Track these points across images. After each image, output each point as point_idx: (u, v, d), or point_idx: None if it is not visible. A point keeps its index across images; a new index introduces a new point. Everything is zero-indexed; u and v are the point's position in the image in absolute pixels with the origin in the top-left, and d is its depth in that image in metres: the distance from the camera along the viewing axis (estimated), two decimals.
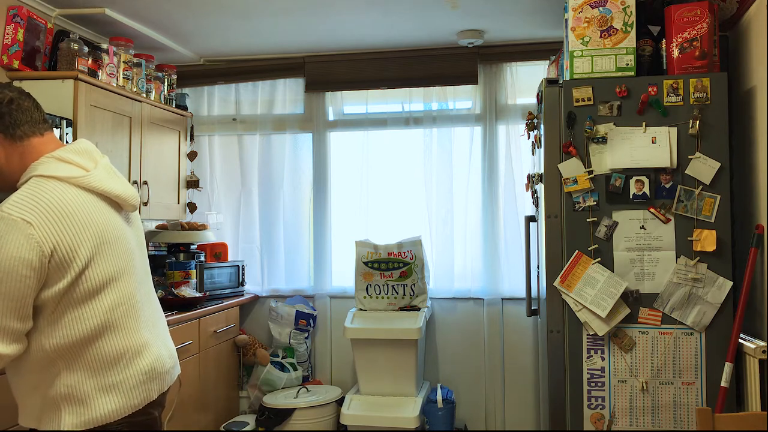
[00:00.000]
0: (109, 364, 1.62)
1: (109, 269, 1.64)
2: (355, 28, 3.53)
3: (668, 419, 2.47)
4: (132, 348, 1.67)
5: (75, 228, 1.57)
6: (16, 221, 1.50)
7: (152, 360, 1.72)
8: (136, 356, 1.68)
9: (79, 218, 1.59)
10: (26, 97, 1.70)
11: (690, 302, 2.46)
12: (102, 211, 1.66)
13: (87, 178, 1.64)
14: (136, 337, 1.70)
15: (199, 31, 3.57)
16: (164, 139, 3.71)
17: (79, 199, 1.61)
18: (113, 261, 1.65)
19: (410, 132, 4.05)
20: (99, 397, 1.60)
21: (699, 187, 2.47)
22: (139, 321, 1.72)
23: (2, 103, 1.64)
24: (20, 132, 1.65)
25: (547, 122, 2.63)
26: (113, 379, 1.63)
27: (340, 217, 4.12)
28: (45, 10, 3.10)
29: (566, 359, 2.56)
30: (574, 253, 2.55)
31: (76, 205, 1.60)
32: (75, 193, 1.61)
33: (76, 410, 1.58)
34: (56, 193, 1.58)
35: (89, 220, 1.61)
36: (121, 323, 1.66)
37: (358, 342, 3.63)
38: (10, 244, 1.49)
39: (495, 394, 3.86)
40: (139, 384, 1.67)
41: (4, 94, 1.66)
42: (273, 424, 3.54)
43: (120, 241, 1.70)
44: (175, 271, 3.62)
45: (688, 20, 2.51)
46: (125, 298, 1.68)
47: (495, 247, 3.85)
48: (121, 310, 1.66)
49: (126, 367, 1.65)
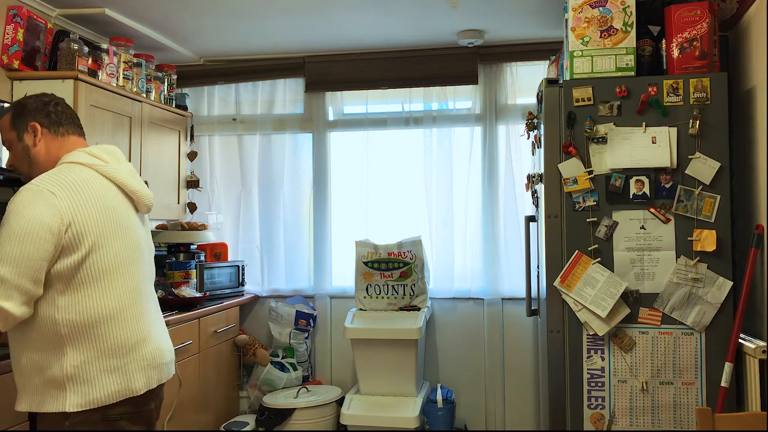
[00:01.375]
0: (114, 347, 1.73)
1: (120, 253, 1.78)
2: (355, 28, 3.53)
3: (668, 419, 2.47)
4: (136, 335, 1.79)
5: (92, 206, 1.73)
6: (42, 191, 1.67)
7: (153, 349, 1.83)
8: (139, 343, 1.79)
9: (96, 199, 1.75)
10: (68, 106, 1.94)
11: (690, 302, 2.46)
12: (118, 199, 1.83)
13: (106, 167, 1.82)
14: (141, 325, 1.81)
15: (199, 31, 3.57)
16: (164, 139, 3.71)
17: (99, 182, 1.79)
18: (124, 247, 1.80)
19: (410, 132, 4.05)
20: (103, 378, 1.70)
21: (699, 187, 2.47)
22: (143, 312, 1.84)
23: (50, 103, 1.88)
24: (63, 129, 1.87)
25: (547, 122, 2.63)
26: (117, 362, 1.73)
27: (340, 217, 4.12)
28: (45, 10, 3.10)
29: (566, 359, 2.56)
30: (574, 253, 2.55)
31: (96, 188, 1.77)
32: (95, 177, 1.79)
33: (81, 390, 1.67)
34: (79, 174, 1.76)
35: (105, 202, 1.77)
36: (128, 310, 1.78)
37: (358, 342, 3.63)
38: (33, 209, 1.64)
39: (495, 394, 3.86)
40: (141, 369, 1.78)
41: (49, 97, 1.91)
42: (273, 424, 3.54)
43: (132, 232, 1.84)
44: (175, 271, 3.62)
45: (688, 20, 2.51)
46: (133, 287, 1.81)
47: (495, 247, 3.85)
48: (129, 297, 1.79)
49: (130, 351, 1.76)
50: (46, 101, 1.88)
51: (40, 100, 1.88)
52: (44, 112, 1.86)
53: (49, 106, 1.87)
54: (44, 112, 1.86)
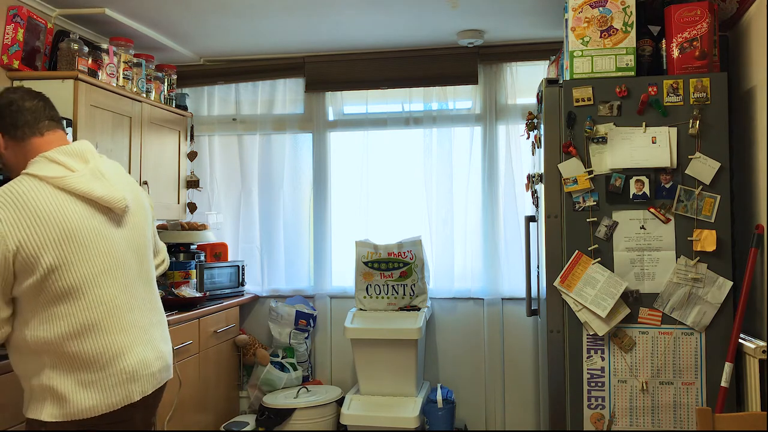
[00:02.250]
0: (87, 362, 1.67)
1: (85, 270, 1.68)
2: (355, 28, 3.53)
3: (668, 419, 2.47)
4: (111, 349, 1.71)
5: (44, 228, 1.63)
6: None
7: (134, 362, 1.75)
8: (116, 357, 1.71)
9: (49, 218, 1.64)
10: (31, 98, 1.78)
11: (690, 302, 2.46)
12: (78, 212, 1.69)
13: (66, 179, 1.69)
14: (117, 338, 1.73)
15: (199, 31, 3.57)
16: (164, 139, 3.71)
17: (54, 199, 1.66)
18: (89, 262, 1.69)
19: (410, 132, 4.05)
20: (77, 392, 1.66)
21: (699, 187, 2.47)
22: (121, 323, 1.75)
23: (4, 106, 1.75)
24: (20, 133, 1.75)
25: (547, 122, 2.63)
26: (91, 377, 1.68)
27: (340, 217, 4.12)
28: (45, 10, 3.10)
29: (566, 359, 2.56)
30: (574, 253, 2.55)
31: (49, 206, 1.65)
32: (50, 193, 1.66)
33: (57, 402, 1.65)
34: (32, 192, 1.64)
35: (60, 220, 1.65)
36: (100, 324, 1.70)
37: (358, 342, 3.63)
38: None
39: (495, 394, 3.86)
40: (118, 384, 1.71)
41: (4, 97, 1.76)
42: (273, 424, 3.54)
43: (98, 243, 1.72)
44: (175, 271, 3.62)
45: (688, 20, 2.51)
46: (105, 300, 1.72)
47: (495, 247, 3.85)
48: (100, 311, 1.70)
49: (105, 366, 1.69)
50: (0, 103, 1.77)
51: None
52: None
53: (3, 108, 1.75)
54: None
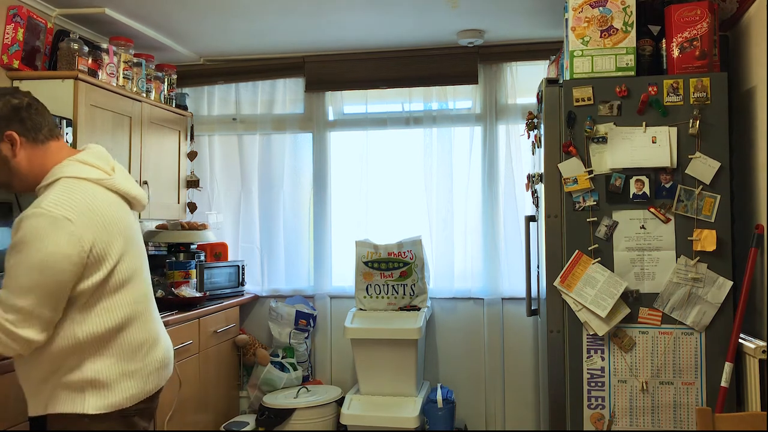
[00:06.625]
0: (132, 352, 1.75)
1: (132, 265, 1.78)
2: (355, 28, 3.53)
3: (668, 419, 2.47)
4: (150, 338, 1.82)
5: (107, 226, 1.70)
6: (57, 218, 1.59)
7: (164, 350, 1.88)
8: (153, 345, 1.83)
9: (110, 217, 1.71)
10: (39, 102, 1.79)
11: (690, 302, 2.46)
12: (125, 211, 1.81)
13: (111, 180, 1.77)
14: (153, 328, 1.85)
15: (199, 31, 3.57)
16: (164, 139, 3.71)
17: (108, 199, 1.74)
18: (135, 256, 1.80)
19: (410, 132, 4.05)
20: (122, 382, 1.71)
21: (699, 186, 2.46)
22: (152, 314, 1.87)
23: (22, 108, 1.72)
24: (42, 136, 1.75)
25: (547, 122, 2.62)
26: (135, 366, 1.75)
27: (340, 217, 4.12)
28: (45, 9, 3.10)
29: (566, 359, 2.56)
30: (574, 253, 2.55)
31: (107, 205, 1.72)
32: (103, 193, 1.74)
33: (100, 393, 1.68)
34: (89, 193, 1.69)
35: (117, 219, 1.74)
36: (142, 315, 1.80)
37: (358, 342, 3.63)
38: (51, 240, 1.58)
39: (495, 394, 3.86)
40: (155, 371, 1.81)
41: (20, 99, 1.73)
42: (273, 424, 3.54)
43: (137, 240, 1.85)
44: (175, 270, 3.62)
45: (688, 20, 2.51)
46: (145, 291, 1.84)
47: (495, 247, 3.85)
48: (142, 301, 1.81)
49: (146, 355, 1.79)
50: (16, 105, 1.70)
51: (10, 103, 1.70)
52: (18, 119, 1.70)
53: (22, 111, 1.70)
54: (17, 118, 1.70)
